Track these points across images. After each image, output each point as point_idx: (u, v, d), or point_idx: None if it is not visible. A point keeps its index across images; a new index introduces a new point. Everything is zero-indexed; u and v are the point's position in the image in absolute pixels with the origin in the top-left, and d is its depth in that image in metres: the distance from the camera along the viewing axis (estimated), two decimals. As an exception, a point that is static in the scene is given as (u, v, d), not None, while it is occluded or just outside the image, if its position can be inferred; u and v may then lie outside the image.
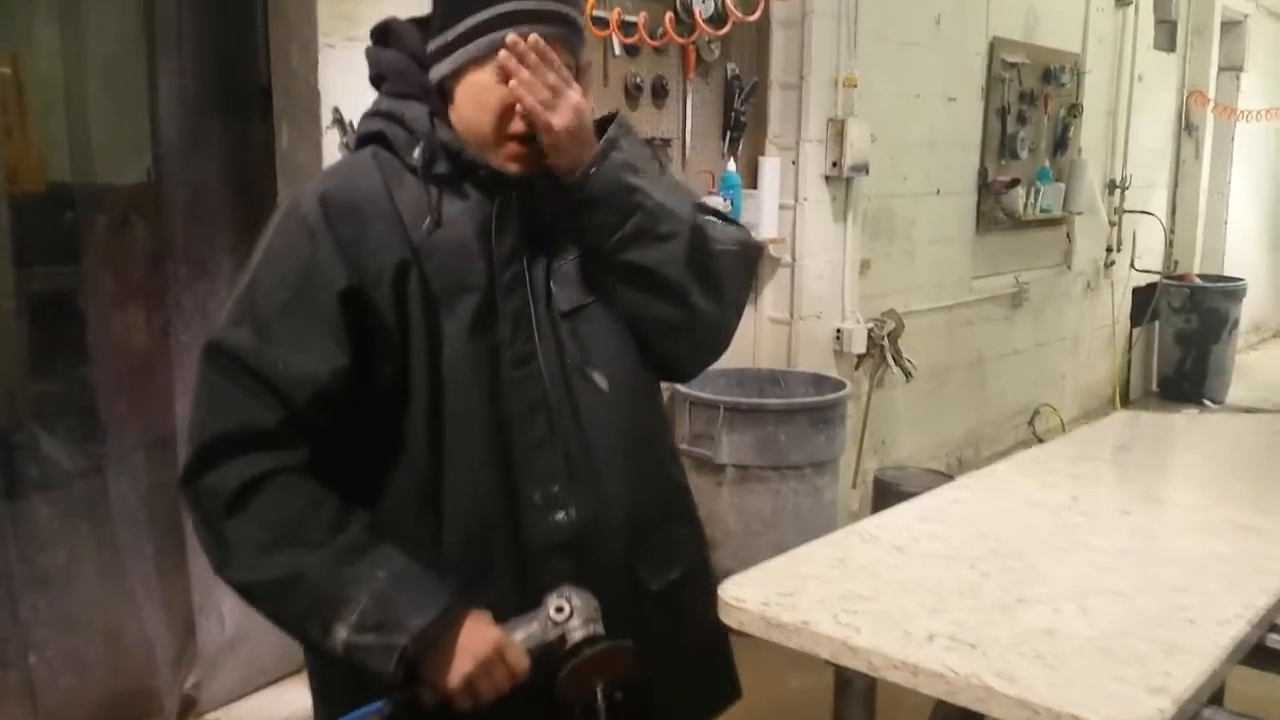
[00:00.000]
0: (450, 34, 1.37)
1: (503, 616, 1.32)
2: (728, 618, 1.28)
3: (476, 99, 1.37)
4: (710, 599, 1.59)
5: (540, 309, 1.42)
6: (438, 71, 1.39)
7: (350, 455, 1.39)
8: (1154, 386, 7.40)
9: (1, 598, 2.68)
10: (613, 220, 1.38)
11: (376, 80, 1.47)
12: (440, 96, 1.40)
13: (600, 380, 1.44)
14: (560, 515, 1.40)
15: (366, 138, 1.44)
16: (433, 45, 1.40)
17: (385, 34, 1.46)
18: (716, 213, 1.54)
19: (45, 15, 2.79)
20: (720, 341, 1.55)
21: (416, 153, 1.37)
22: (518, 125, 1.36)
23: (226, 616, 3.01)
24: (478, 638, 1.27)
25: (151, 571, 2.95)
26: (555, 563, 1.38)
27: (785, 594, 1.29)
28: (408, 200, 1.38)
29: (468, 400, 1.37)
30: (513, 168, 1.38)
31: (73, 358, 2.85)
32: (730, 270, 1.49)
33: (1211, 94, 7.46)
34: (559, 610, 1.24)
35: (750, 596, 1.28)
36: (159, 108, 2.85)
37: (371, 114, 1.44)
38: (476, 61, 1.35)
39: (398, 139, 1.40)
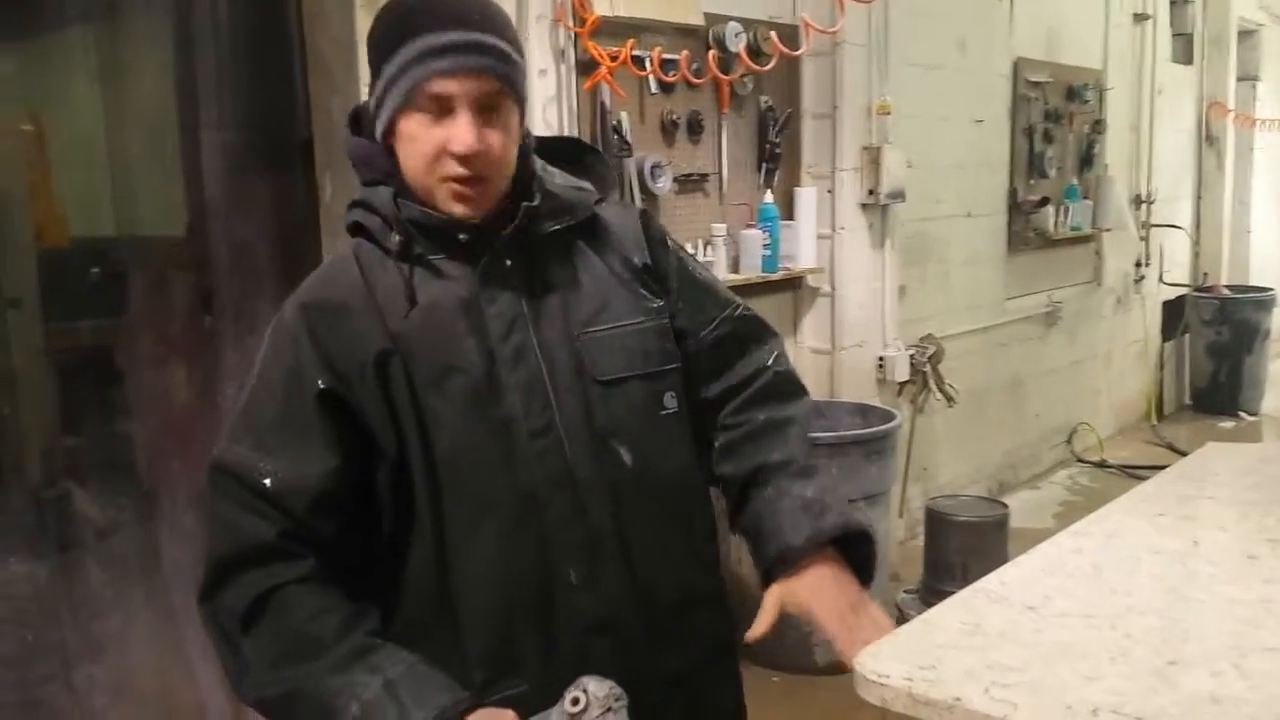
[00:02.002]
0: (377, 87, 1.32)
1: (532, 706, 1.25)
2: (869, 694, 1.21)
3: (408, 147, 1.32)
4: (732, 686, 1.56)
5: (562, 374, 1.36)
6: (377, 131, 1.34)
7: (371, 556, 1.35)
8: (1187, 400, 7.34)
9: (55, 665, 2.63)
10: None
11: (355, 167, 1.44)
12: (391, 156, 1.35)
13: (625, 454, 1.38)
14: (593, 594, 1.36)
15: (349, 229, 1.41)
16: (370, 104, 1.35)
17: (357, 119, 1.41)
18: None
19: (84, 70, 2.76)
20: None
21: (394, 237, 1.34)
22: (451, 167, 1.30)
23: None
24: None
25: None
26: (585, 645, 1.33)
27: (927, 666, 1.22)
28: (389, 287, 1.34)
29: (473, 483, 1.32)
30: (457, 209, 1.32)
31: (110, 414, 2.80)
32: None
33: (1230, 104, 7.43)
34: (575, 702, 1.17)
35: (893, 671, 1.21)
36: (200, 162, 2.82)
37: (350, 205, 1.41)
38: (402, 109, 1.30)
39: (374, 226, 1.36)
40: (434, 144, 1.29)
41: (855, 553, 1.42)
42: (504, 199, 1.38)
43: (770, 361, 1.53)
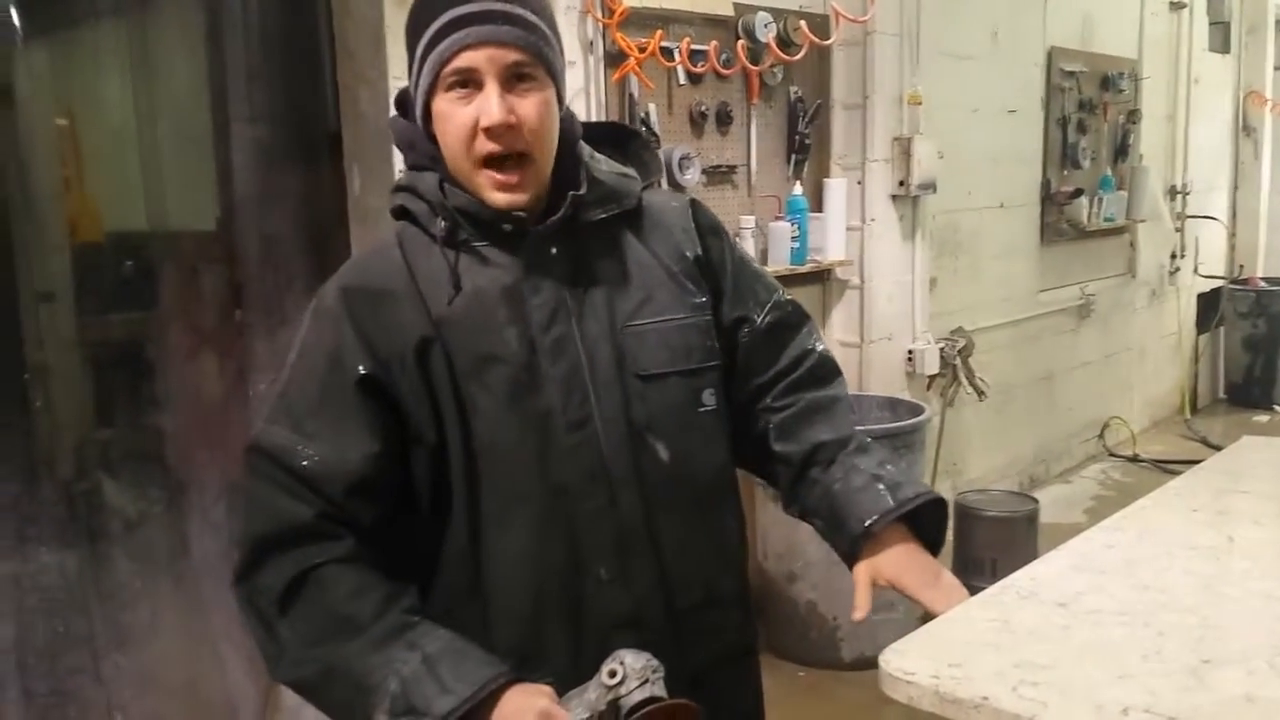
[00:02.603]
0: (413, 70, 1.31)
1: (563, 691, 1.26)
2: (896, 692, 1.20)
3: (444, 128, 1.30)
4: (752, 687, 1.55)
5: (603, 367, 1.35)
6: (416, 115, 1.34)
7: (408, 542, 1.35)
8: (1222, 394, 7.26)
9: (85, 657, 2.65)
10: None
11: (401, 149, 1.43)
12: (434, 142, 1.34)
13: (662, 450, 1.37)
14: (622, 590, 1.35)
15: (393, 214, 1.40)
16: (410, 89, 1.34)
17: (403, 102, 1.40)
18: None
19: (116, 64, 2.78)
20: None
21: (440, 223, 1.33)
22: (483, 145, 1.27)
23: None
24: (517, 712, 1.20)
25: (234, 623, 2.91)
26: (612, 640, 1.31)
27: (955, 664, 1.20)
28: (433, 273, 1.33)
29: (508, 474, 1.32)
30: (500, 199, 1.30)
31: (142, 407, 2.82)
32: None
33: (1268, 94, 7.31)
34: (612, 675, 1.19)
35: (920, 669, 1.19)
36: (231, 156, 2.83)
37: (394, 189, 1.40)
38: (433, 90, 1.29)
39: (420, 212, 1.35)
40: (466, 122, 1.27)
41: (922, 523, 1.43)
42: (549, 186, 1.36)
43: (812, 345, 1.54)
